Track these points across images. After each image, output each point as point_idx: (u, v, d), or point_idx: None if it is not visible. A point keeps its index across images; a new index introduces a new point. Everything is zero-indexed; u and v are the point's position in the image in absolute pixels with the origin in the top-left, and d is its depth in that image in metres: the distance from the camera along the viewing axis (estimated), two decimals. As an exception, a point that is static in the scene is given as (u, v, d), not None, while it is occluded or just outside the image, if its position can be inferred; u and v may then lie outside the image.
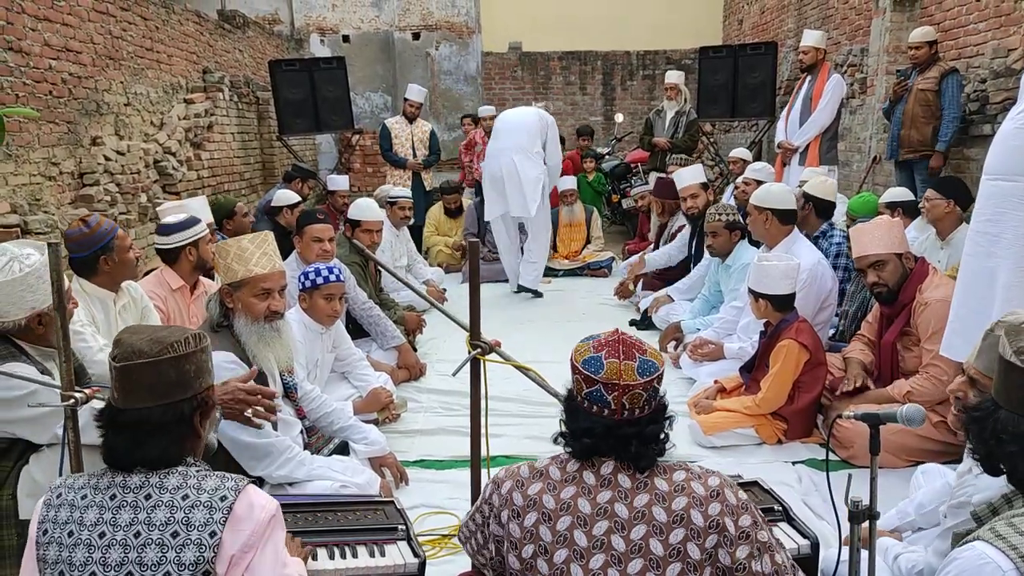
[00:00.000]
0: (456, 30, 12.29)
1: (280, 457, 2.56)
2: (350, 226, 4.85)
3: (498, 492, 1.60)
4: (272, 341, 2.68)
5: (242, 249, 2.63)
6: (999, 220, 2.61)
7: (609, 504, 1.50)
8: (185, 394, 1.50)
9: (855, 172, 7.49)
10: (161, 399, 1.47)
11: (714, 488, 1.51)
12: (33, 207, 4.68)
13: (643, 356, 1.56)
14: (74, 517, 1.44)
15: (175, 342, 1.50)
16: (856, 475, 2.17)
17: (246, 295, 2.61)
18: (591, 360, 1.55)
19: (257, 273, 2.61)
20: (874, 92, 7.06)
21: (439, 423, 3.78)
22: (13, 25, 4.79)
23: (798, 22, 9.74)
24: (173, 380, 1.48)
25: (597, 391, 1.53)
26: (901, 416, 1.88)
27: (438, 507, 2.91)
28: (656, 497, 1.49)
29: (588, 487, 1.52)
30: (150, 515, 1.42)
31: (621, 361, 1.53)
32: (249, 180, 8.69)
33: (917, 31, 5.78)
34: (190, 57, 7.87)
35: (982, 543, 1.30)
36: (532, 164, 6.10)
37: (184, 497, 1.43)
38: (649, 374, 1.54)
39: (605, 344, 1.57)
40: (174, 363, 1.48)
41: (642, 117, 10.98)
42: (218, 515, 1.42)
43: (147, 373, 1.47)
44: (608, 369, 1.53)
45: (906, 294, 3.35)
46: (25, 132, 4.86)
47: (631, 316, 5.74)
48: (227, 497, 1.44)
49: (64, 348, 1.93)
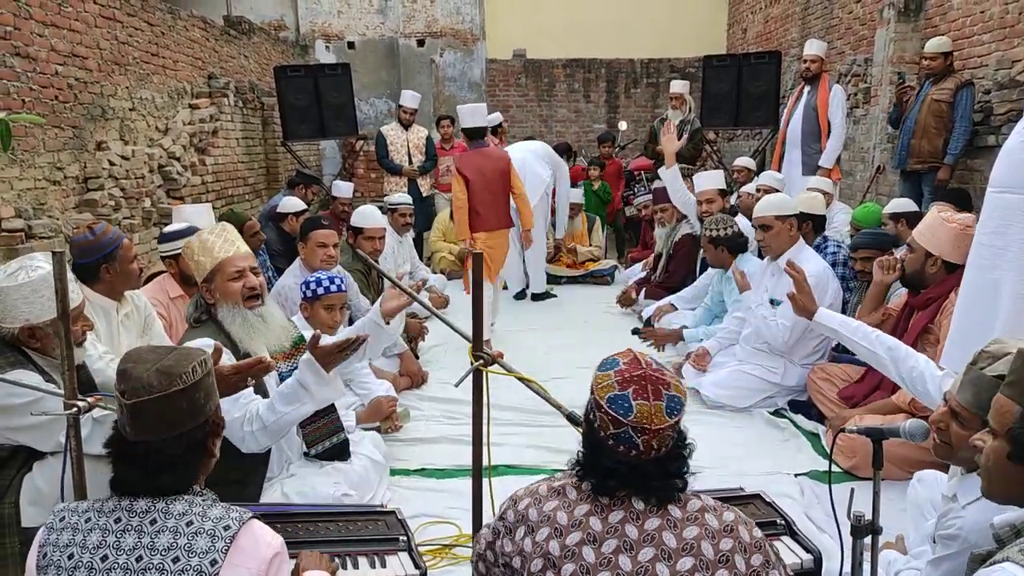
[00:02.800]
0: (460, 37, 12.31)
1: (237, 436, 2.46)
2: (353, 233, 4.86)
3: (514, 508, 1.59)
4: (259, 327, 2.68)
5: (203, 241, 2.68)
6: (1004, 232, 2.60)
7: (620, 524, 1.48)
8: (197, 421, 1.48)
9: (858, 182, 7.49)
10: (173, 430, 1.46)
11: (728, 523, 1.48)
12: (37, 211, 4.69)
13: (668, 392, 1.48)
14: (76, 540, 1.43)
15: (183, 373, 1.47)
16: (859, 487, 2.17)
17: (221, 282, 2.63)
18: (618, 400, 1.47)
19: (223, 257, 2.64)
20: (878, 102, 7.06)
21: (441, 432, 3.78)
22: (20, 31, 4.81)
23: (802, 32, 9.74)
24: (185, 411, 1.47)
25: (625, 433, 1.46)
26: (904, 431, 1.88)
27: (439, 517, 2.91)
28: (668, 523, 1.47)
29: (602, 506, 1.51)
30: (153, 540, 1.41)
31: (652, 403, 1.46)
32: (253, 185, 8.71)
33: (933, 41, 5.76)
34: (195, 63, 7.89)
35: (1012, 564, 1.29)
36: (541, 167, 6.28)
37: (188, 524, 1.42)
38: (677, 413, 1.48)
39: (631, 380, 1.49)
40: (184, 394, 1.46)
41: (645, 125, 11.00)
42: (220, 544, 1.41)
43: (158, 408, 1.45)
44: (638, 412, 1.45)
45: (936, 290, 3.32)
46: (30, 137, 4.88)
47: (633, 324, 5.73)
48: (230, 527, 1.43)
49: (67, 357, 1.93)
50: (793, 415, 3.95)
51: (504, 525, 1.60)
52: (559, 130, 12.63)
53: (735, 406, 4.04)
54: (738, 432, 3.82)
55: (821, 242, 4.61)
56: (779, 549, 2.19)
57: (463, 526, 2.78)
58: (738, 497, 2.41)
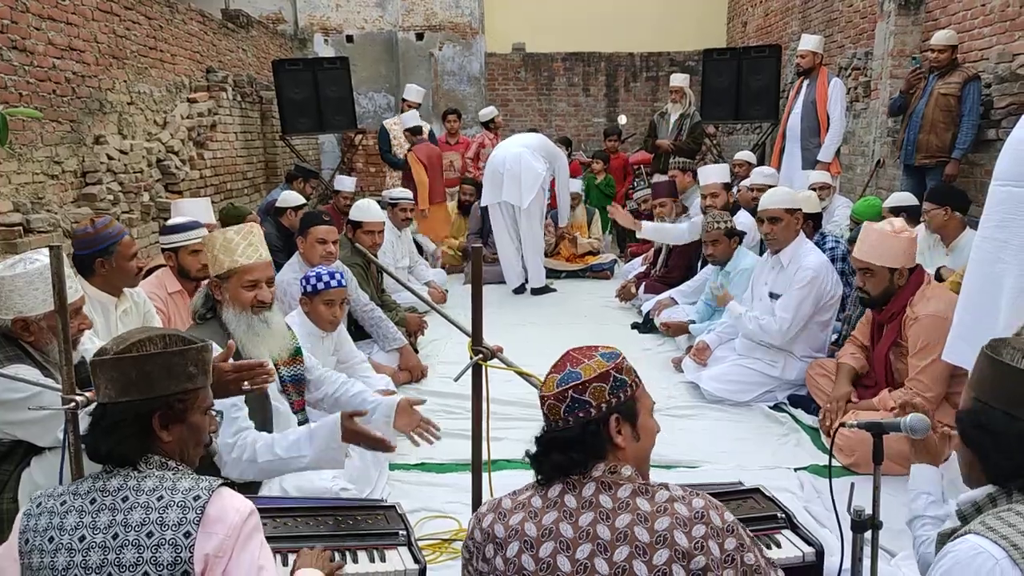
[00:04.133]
0: (460, 31, 12.28)
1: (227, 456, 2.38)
2: (352, 227, 4.84)
3: (479, 527, 1.57)
4: (262, 332, 2.66)
5: (228, 240, 2.63)
6: (1008, 225, 2.59)
7: (591, 526, 1.46)
8: (143, 394, 1.49)
9: (859, 176, 7.48)
10: (119, 396, 1.49)
11: (698, 510, 1.46)
12: (36, 206, 4.68)
13: (573, 367, 1.56)
14: (54, 523, 1.45)
15: (139, 342, 1.51)
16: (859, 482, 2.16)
17: (234, 286, 2.61)
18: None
19: (243, 264, 2.61)
20: (878, 96, 7.04)
21: (441, 426, 3.74)
22: (17, 24, 4.79)
23: (802, 25, 9.72)
24: (132, 379, 1.49)
25: (544, 404, 1.58)
26: (905, 426, 1.88)
27: (439, 511, 2.91)
28: (638, 517, 1.45)
29: (570, 510, 1.49)
30: (127, 516, 1.43)
31: (551, 375, 1.58)
32: (252, 179, 8.69)
33: (940, 34, 5.72)
34: (194, 56, 7.87)
35: (974, 536, 1.38)
36: (536, 161, 6.28)
37: (159, 498, 1.45)
38: (565, 384, 1.54)
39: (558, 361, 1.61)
40: (135, 362, 1.49)
41: (645, 119, 10.98)
42: (192, 515, 1.43)
43: (108, 369, 1.50)
44: (544, 383, 1.59)
45: (896, 304, 3.34)
46: (28, 131, 4.86)
47: (633, 319, 5.73)
48: (200, 497, 1.45)
49: (64, 350, 1.93)
50: (793, 409, 3.95)
51: (473, 544, 1.58)
52: (558, 124, 12.61)
53: (734, 400, 4.04)
54: (737, 426, 3.82)
55: (819, 238, 4.61)
56: (781, 542, 2.19)
57: (463, 520, 2.78)
58: (737, 491, 2.41)
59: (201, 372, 1.58)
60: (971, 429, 1.51)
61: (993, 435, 1.47)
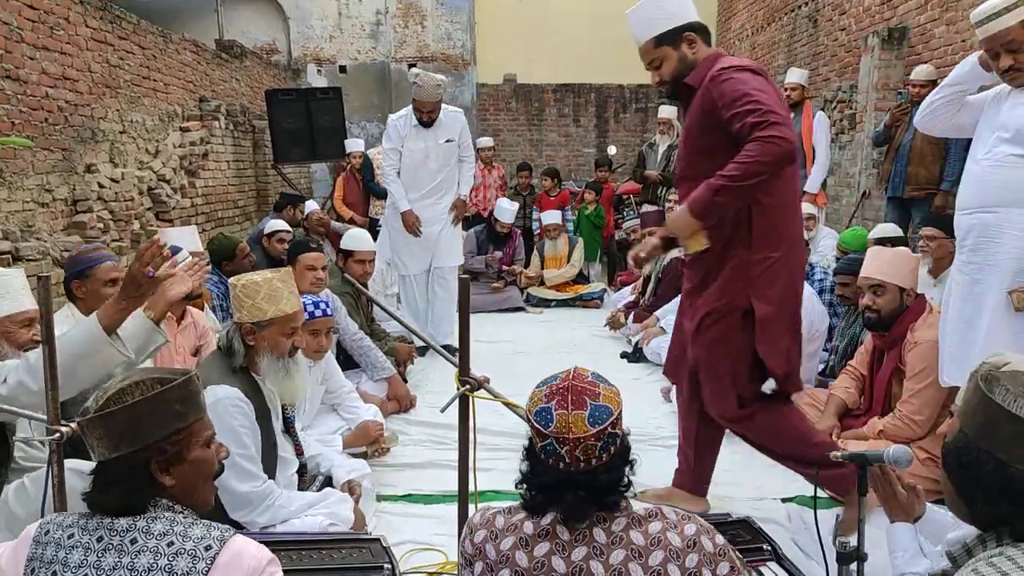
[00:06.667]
0: (452, 62, 12.43)
1: (260, 505, 2.52)
2: (343, 256, 4.85)
3: (471, 539, 1.56)
4: (294, 374, 2.68)
5: (273, 289, 2.61)
6: (982, 248, 2.85)
7: (584, 562, 1.45)
8: (134, 445, 1.46)
9: (844, 207, 7.57)
10: (112, 452, 1.46)
11: (690, 537, 1.47)
12: (25, 234, 4.67)
13: (595, 402, 1.47)
14: (59, 557, 1.42)
15: (118, 392, 1.46)
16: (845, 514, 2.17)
17: (275, 333, 2.60)
18: (542, 412, 1.48)
19: (288, 312, 2.61)
20: (863, 128, 7.15)
21: (428, 456, 3.76)
22: (11, 53, 4.83)
23: (788, 59, 9.89)
24: (120, 432, 1.45)
25: (550, 444, 1.47)
26: (888, 457, 1.89)
27: (425, 544, 2.88)
28: (632, 553, 1.44)
29: (562, 543, 1.47)
30: (134, 560, 1.40)
31: (570, 412, 1.46)
32: (243, 208, 8.71)
33: (920, 69, 5.83)
34: (187, 86, 7.92)
35: None
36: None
37: (169, 544, 1.41)
38: (601, 423, 1.46)
39: (556, 392, 1.50)
40: (119, 415, 1.45)
41: (635, 149, 11.09)
42: (201, 564, 1.40)
43: (95, 428, 1.46)
44: (558, 422, 1.46)
45: (899, 329, 3.37)
46: (19, 159, 4.87)
47: (623, 348, 5.74)
48: (212, 547, 1.42)
49: (51, 379, 1.92)
50: (781, 439, 3.94)
51: (465, 556, 1.57)
52: (549, 154, 12.72)
53: (723, 430, 4.03)
54: (725, 456, 3.78)
55: (808, 269, 4.65)
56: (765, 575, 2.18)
57: (449, 553, 2.76)
58: (724, 523, 2.41)
59: (190, 407, 1.53)
60: (956, 468, 1.45)
61: (977, 479, 1.40)
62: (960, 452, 1.43)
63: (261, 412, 2.59)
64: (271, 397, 2.68)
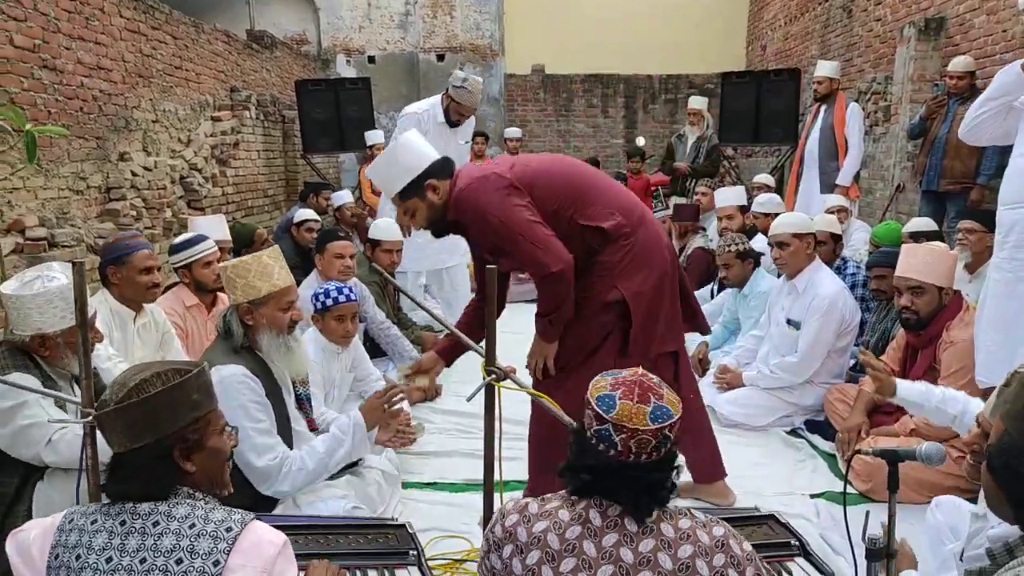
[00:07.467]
0: (480, 52, 12.41)
1: (279, 475, 2.55)
2: (370, 246, 4.88)
3: (502, 524, 1.58)
4: (295, 350, 2.71)
5: (263, 265, 2.64)
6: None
7: (614, 548, 1.47)
8: (156, 435, 1.48)
9: (878, 200, 7.44)
10: (134, 443, 1.48)
11: (719, 538, 1.49)
12: (60, 220, 4.76)
13: (659, 402, 1.50)
14: (83, 541, 1.45)
15: (137, 386, 1.49)
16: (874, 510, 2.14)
17: (271, 309, 2.62)
18: (605, 398, 1.51)
19: (281, 287, 2.63)
20: (898, 120, 7.02)
21: (454, 445, 3.77)
22: (48, 44, 4.91)
23: (821, 49, 9.72)
24: (141, 424, 1.48)
25: (605, 430, 1.49)
26: (920, 454, 1.86)
27: (450, 531, 2.90)
28: (662, 543, 1.46)
29: (594, 528, 1.49)
30: (156, 542, 1.42)
31: (635, 404, 1.48)
32: (273, 197, 8.79)
33: (958, 60, 5.70)
34: (218, 76, 8.00)
35: None
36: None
37: (191, 526, 1.44)
38: (662, 421, 1.48)
39: (623, 383, 1.52)
40: (138, 407, 1.48)
41: (663, 140, 11.00)
42: (222, 545, 1.42)
43: (114, 420, 1.49)
44: (620, 410, 1.48)
45: (935, 328, 3.30)
46: (55, 147, 4.96)
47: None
48: (232, 528, 1.45)
49: (84, 364, 1.96)
50: (810, 435, 3.91)
51: (493, 539, 1.59)
52: (577, 144, 12.67)
53: (751, 424, 4.00)
54: (753, 451, 3.78)
55: (841, 264, 4.58)
56: (793, 570, 2.17)
57: (474, 541, 2.77)
58: (752, 517, 2.39)
59: (205, 396, 1.57)
60: (1000, 468, 1.42)
61: (1021, 480, 1.37)
62: (1007, 453, 1.39)
63: (271, 389, 2.61)
64: (281, 375, 2.70)
